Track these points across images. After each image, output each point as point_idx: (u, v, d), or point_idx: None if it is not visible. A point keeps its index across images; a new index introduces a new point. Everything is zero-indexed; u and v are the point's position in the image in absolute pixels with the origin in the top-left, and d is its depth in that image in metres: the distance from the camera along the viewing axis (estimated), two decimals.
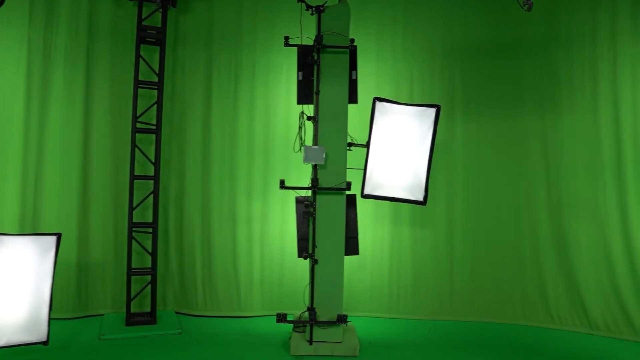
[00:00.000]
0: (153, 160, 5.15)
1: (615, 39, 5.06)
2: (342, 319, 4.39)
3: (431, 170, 4.54)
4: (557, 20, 5.31)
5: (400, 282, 5.60)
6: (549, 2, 5.28)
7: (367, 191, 4.51)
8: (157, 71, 5.12)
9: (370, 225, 5.58)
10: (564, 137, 5.27)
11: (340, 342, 4.42)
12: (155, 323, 4.99)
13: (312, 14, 4.50)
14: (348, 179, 4.43)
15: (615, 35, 5.06)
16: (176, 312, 5.42)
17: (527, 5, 4.12)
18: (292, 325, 4.72)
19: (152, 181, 5.14)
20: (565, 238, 5.24)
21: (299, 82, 4.56)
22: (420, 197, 4.51)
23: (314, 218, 4.41)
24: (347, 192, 4.46)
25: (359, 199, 4.62)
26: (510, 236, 5.47)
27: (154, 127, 5.11)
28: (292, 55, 4.61)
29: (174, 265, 5.51)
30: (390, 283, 5.61)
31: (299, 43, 4.53)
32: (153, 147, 5.16)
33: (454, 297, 5.54)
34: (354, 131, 4.56)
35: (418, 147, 4.49)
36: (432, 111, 4.46)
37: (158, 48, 5.14)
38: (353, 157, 4.53)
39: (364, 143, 4.51)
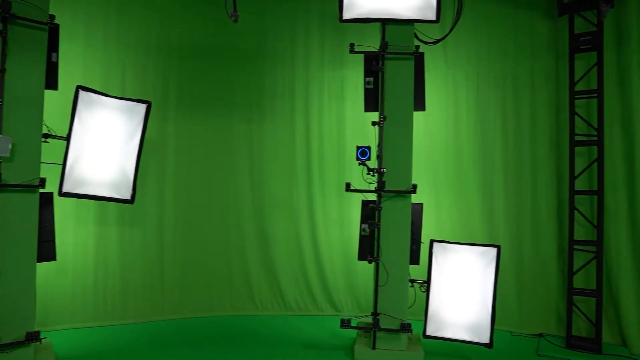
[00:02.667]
0: None
1: (308, 63, 5.99)
2: (32, 337, 3.83)
3: (141, 168, 4.41)
4: (265, 39, 5.95)
5: (107, 287, 5.27)
6: (260, 21, 5.88)
7: (66, 189, 4.05)
8: None
9: (71, 226, 5.07)
10: (266, 142, 5.95)
11: None
12: None
13: None
14: (43, 175, 3.89)
15: (309, 61, 5.99)
16: None
17: (233, 17, 4.50)
18: None
19: None
20: (266, 232, 5.91)
21: None
22: (127, 196, 4.32)
23: None
24: (42, 190, 3.93)
25: (56, 198, 4.12)
26: (220, 232, 5.81)
27: None
28: None
29: None
30: (95, 289, 5.21)
31: None
32: None
33: (165, 296, 5.54)
34: (54, 122, 4.03)
35: (126, 143, 4.29)
36: (142, 107, 4.34)
37: None
38: (50, 150, 4.03)
39: (65, 135, 4.05)
